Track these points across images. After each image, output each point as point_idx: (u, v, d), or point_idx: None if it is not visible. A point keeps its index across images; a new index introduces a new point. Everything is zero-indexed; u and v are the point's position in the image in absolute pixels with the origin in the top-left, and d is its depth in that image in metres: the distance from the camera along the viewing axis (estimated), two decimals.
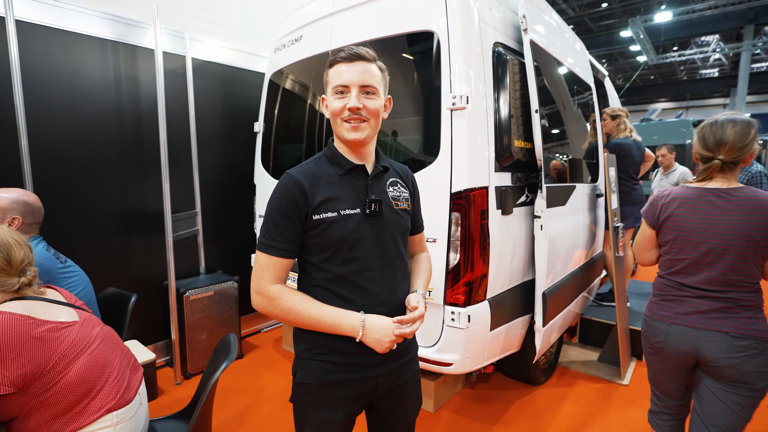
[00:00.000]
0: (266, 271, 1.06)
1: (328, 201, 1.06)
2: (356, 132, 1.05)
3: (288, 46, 2.61)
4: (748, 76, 16.41)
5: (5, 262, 1.12)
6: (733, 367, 1.37)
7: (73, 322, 1.18)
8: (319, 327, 1.04)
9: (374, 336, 1.03)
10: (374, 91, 1.06)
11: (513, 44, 2.19)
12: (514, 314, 2.16)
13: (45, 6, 2.34)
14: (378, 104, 1.07)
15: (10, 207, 1.63)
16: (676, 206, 1.47)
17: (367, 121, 1.06)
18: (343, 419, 1.12)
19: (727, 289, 1.40)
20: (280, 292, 1.05)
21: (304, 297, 1.06)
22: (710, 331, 1.40)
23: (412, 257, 1.32)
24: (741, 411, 1.39)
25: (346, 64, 1.05)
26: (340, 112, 1.05)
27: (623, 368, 2.75)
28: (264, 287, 1.05)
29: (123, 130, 2.69)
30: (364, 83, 1.04)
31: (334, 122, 1.08)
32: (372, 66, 1.07)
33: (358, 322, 1.03)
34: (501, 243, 2.00)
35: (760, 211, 1.33)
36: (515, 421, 2.31)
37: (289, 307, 1.03)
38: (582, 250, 2.81)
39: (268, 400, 2.51)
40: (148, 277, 2.87)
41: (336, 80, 1.05)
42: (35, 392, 1.05)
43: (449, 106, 1.84)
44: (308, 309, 1.03)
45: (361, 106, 1.03)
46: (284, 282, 1.09)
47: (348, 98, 1.04)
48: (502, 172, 2.02)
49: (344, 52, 1.06)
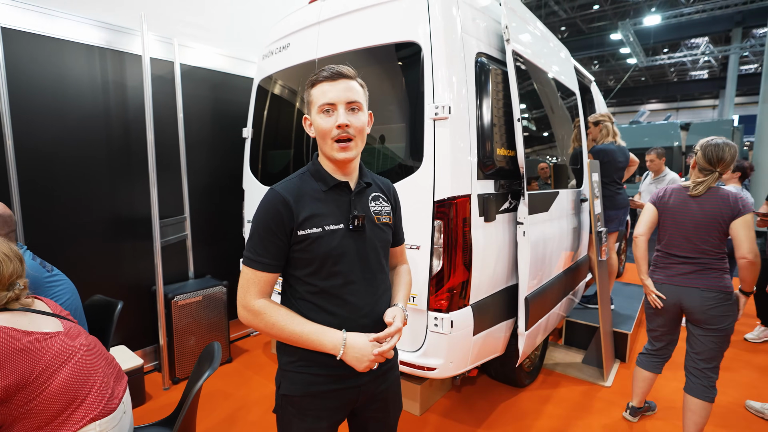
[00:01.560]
0: (251, 285, 1.08)
1: (312, 217, 1.08)
2: (345, 152, 1.07)
3: (276, 53, 2.63)
4: (736, 78, 16.66)
5: None
6: (704, 313, 1.97)
7: (57, 332, 1.20)
8: (301, 344, 1.06)
9: (354, 355, 1.05)
10: (359, 107, 1.09)
11: (496, 54, 2.23)
12: (497, 319, 2.20)
13: (31, 13, 2.34)
14: (363, 120, 1.10)
15: None
16: (671, 198, 2.08)
17: (354, 139, 1.08)
18: (327, 428, 1.15)
19: (700, 257, 1.99)
20: (265, 308, 1.06)
21: (288, 313, 1.07)
22: (688, 288, 2.01)
23: (393, 269, 1.35)
24: (715, 346, 1.99)
25: (329, 83, 1.06)
26: (329, 132, 1.06)
27: (606, 370, 2.81)
28: (249, 302, 1.07)
29: (111, 136, 2.70)
30: (349, 100, 1.06)
31: (322, 142, 1.09)
32: (354, 83, 1.09)
33: (340, 341, 1.05)
34: (484, 249, 2.04)
35: (724, 202, 1.92)
36: (499, 423, 2.36)
37: (273, 322, 1.05)
38: (566, 254, 2.86)
39: (256, 404, 2.53)
40: (137, 282, 2.88)
41: (321, 99, 1.06)
42: (19, 402, 1.07)
43: (432, 116, 1.87)
44: (291, 325, 1.05)
45: (348, 122, 1.05)
46: (269, 296, 1.12)
47: (336, 116, 1.05)
48: (485, 180, 2.06)
49: (326, 71, 1.07)
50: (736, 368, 3.01)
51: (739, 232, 1.88)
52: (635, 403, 2.36)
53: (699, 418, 2.02)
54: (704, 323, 1.99)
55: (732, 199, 1.90)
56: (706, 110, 25.41)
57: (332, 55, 2.24)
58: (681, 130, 9.05)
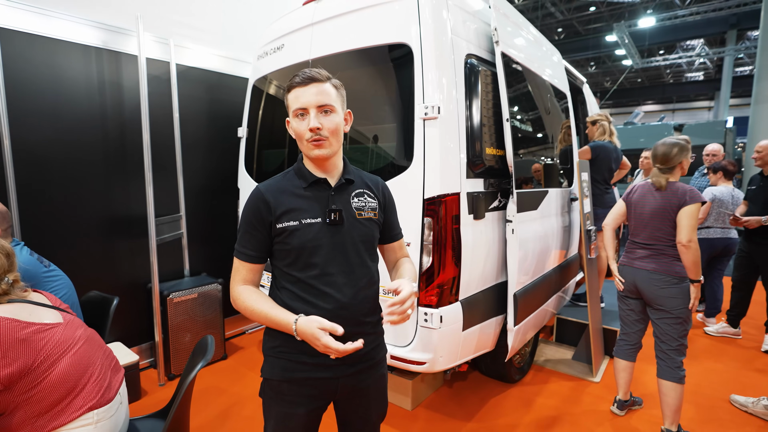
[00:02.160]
0: (236, 273, 1.20)
1: (290, 211, 1.14)
2: (319, 149, 1.13)
3: (270, 54, 2.68)
4: (731, 80, 16.80)
5: None
6: (653, 293, 2.19)
7: (57, 323, 1.24)
8: (268, 325, 1.15)
9: (307, 339, 1.06)
10: (331, 109, 1.13)
11: (486, 55, 2.28)
12: (487, 314, 2.25)
13: (28, 13, 2.37)
14: (336, 120, 1.14)
15: None
16: (636, 192, 2.32)
17: (327, 139, 1.13)
18: (305, 415, 1.19)
19: (654, 243, 2.21)
20: (242, 292, 1.17)
21: (259, 297, 1.15)
22: (641, 270, 2.24)
23: (396, 262, 1.38)
24: (671, 329, 2.16)
25: (301, 88, 1.12)
26: (304, 133, 1.12)
27: (595, 366, 2.86)
28: (234, 286, 1.19)
29: (107, 136, 2.74)
30: (320, 103, 1.11)
31: (299, 143, 1.16)
32: (326, 85, 1.13)
33: (291, 324, 1.07)
34: (473, 246, 2.09)
35: (674, 194, 2.13)
36: (489, 417, 2.41)
37: (246, 306, 1.15)
38: (556, 252, 2.91)
39: (250, 400, 2.57)
40: (133, 279, 2.92)
41: (295, 104, 1.13)
42: (20, 390, 1.11)
43: (422, 116, 1.92)
44: (258, 308, 1.13)
45: (320, 125, 1.10)
46: (254, 283, 1.20)
47: (308, 119, 1.11)
48: (475, 179, 2.11)
49: (298, 77, 1.13)
50: (723, 361, 3.07)
51: (682, 219, 2.09)
52: (621, 396, 2.43)
53: (671, 399, 2.14)
54: (656, 304, 2.19)
55: (681, 191, 2.11)
56: (701, 111, 25.57)
57: (325, 55, 2.29)
58: (674, 131, 9.13)
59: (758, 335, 3.55)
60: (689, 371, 2.94)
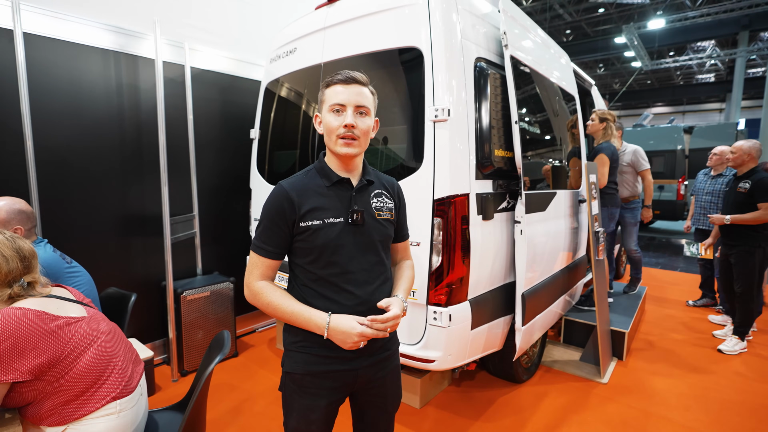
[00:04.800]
0: (255, 268, 1.21)
1: (314, 210, 1.18)
2: (348, 148, 1.17)
3: (283, 57, 2.73)
4: (743, 82, 16.58)
5: None
6: None
7: (82, 317, 1.29)
8: (292, 323, 1.18)
9: (339, 336, 1.13)
10: (367, 112, 1.18)
11: (495, 59, 2.31)
12: (495, 314, 2.27)
13: (50, 19, 2.45)
14: (369, 123, 1.19)
15: (8, 218, 1.68)
16: None
17: (358, 139, 1.17)
18: (326, 407, 1.24)
19: None
20: (263, 288, 1.19)
21: (282, 294, 1.18)
22: None
23: (397, 264, 1.42)
24: None
25: (342, 86, 1.16)
26: (336, 129, 1.16)
27: (603, 367, 2.87)
28: (251, 282, 1.21)
29: (124, 137, 2.81)
30: (358, 103, 1.16)
31: (328, 138, 1.19)
32: (365, 89, 1.19)
33: (324, 323, 1.13)
34: (482, 247, 2.12)
35: None
36: (497, 417, 2.43)
37: (268, 301, 1.17)
38: (564, 253, 2.92)
39: (261, 396, 2.62)
40: (147, 277, 2.98)
41: (333, 99, 1.16)
42: (49, 380, 1.16)
43: (432, 118, 1.96)
44: (283, 306, 1.16)
45: (355, 124, 1.15)
46: (271, 279, 1.23)
47: (344, 116, 1.15)
48: (484, 180, 2.14)
49: (341, 75, 1.17)
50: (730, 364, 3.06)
51: None
52: None
53: None
54: None
55: None
56: (712, 114, 25.27)
57: (337, 59, 2.34)
58: (684, 133, 9.06)
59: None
60: (701, 375, 2.94)
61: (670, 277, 5.82)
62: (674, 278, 5.73)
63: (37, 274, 1.30)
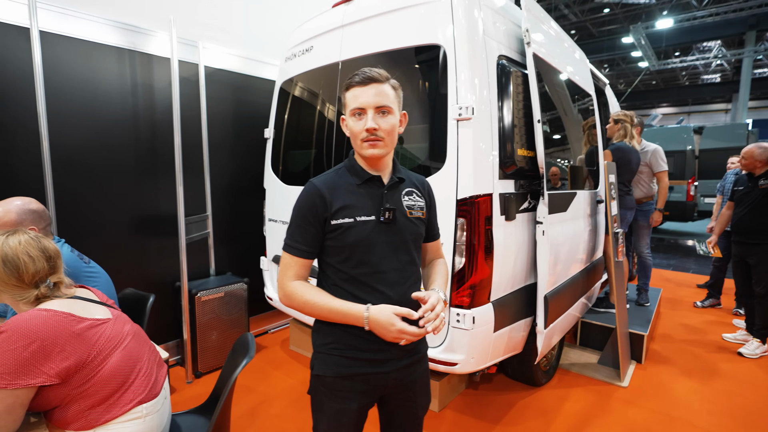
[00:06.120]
0: (288, 269, 1.18)
1: (345, 208, 1.15)
2: (373, 149, 1.14)
3: (299, 56, 2.70)
4: (750, 82, 16.47)
5: (16, 279, 1.16)
6: None
7: (107, 319, 1.26)
8: (331, 318, 1.14)
9: (378, 325, 1.09)
10: (389, 110, 1.14)
11: (516, 56, 2.27)
12: (516, 316, 2.23)
13: (66, 17, 2.43)
14: (393, 122, 1.15)
15: (20, 219, 1.63)
16: None
17: (383, 139, 1.14)
18: (357, 410, 1.20)
19: None
20: (299, 287, 1.16)
21: (319, 291, 1.16)
22: None
23: (430, 263, 1.39)
24: None
25: (361, 88, 1.12)
26: (359, 133, 1.13)
27: (623, 371, 2.82)
28: (286, 283, 1.17)
29: (138, 136, 2.79)
30: (378, 104, 1.12)
31: (354, 141, 1.17)
32: (385, 86, 1.14)
33: (363, 313, 1.10)
34: (504, 248, 2.08)
35: None
36: (518, 421, 2.38)
37: (305, 300, 1.14)
38: (583, 254, 2.88)
39: (277, 398, 2.59)
40: (161, 278, 2.96)
41: (353, 103, 1.14)
42: (76, 383, 1.13)
43: (455, 116, 1.92)
44: (321, 302, 1.13)
45: (377, 126, 1.11)
46: (305, 279, 1.19)
47: (365, 120, 1.12)
48: (506, 180, 2.11)
49: (358, 76, 1.13)
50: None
51: None
52: None
53: None
54: None
55: None
56: (718, 114, 25.14)
57: (356, 57, 2.31)
58: (694, 134, 8.98)
59: None
60: (724, 379, 2.89)
61: (682, 278, 5.76)
62: (686, 280, 5.66)
63: (62, 275, 1.27)
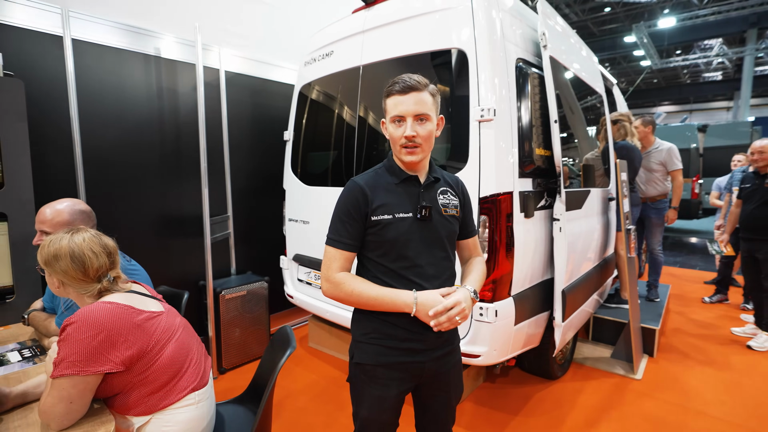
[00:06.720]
0: (333, 261, 1.25)
1: (384, 205, 1.23)
2: (411, 156, 1.22)
3: (319, 60, 2.78)
4: (751, 80, 16.50)
5: (82, 274, 1.24)
6: None
7: (161, 312, 1.34)
8: (378, 306, 1.21)
9: (425, 307, 1.17)
10: (427, 118, 1.21)
11: (532, 59, 2.35)
12: (535, 311, 2.31)
13: (96, 25, 2.52)
14: (430, 128, 1.22)
15: (71, 219, 1.71)
16: None
17: (420, 146, 1.21)
18: (396, 396, 1.29)
19: None
20: (345, 278, 1.23)
21: (364, 281, 1.24)
22: None
23: (468, 260, 1.45)
24: None
25: (400, 96, 1.19)
26: (399, 139, 1.21)
27: (636, 364, 2.89)
28: (332, 275, 1.24)
29: (164, 138, 2.88)
30: (417, 112, 1.19)
31: (393, 146, 1.25)
32: (424, 94, 1.20)
33: (412, 299, 1.18)
34: (524, 244, 2.15)
35: None
36: (536, 412, 2.46)
37: (351, 289, 1.22)
38: (596, 251, 2.96)
39: (301, 393, 2.66)
40: (184, 277, 3.04)
41: (393, 111, 1.21)
42: (137, 371, 1.21)
43: (477, 117, 2.00)
44: (368, 291, 1.21)
45: (415, 134, 1.19)
46: (348, 271, 1.27)
47: (404, 127, 1.20)
48: (525, 178, 2.18)
49: (398, 85, 1.20)
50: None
51: None
52: None
53: None
54: None
55: None
56: (719, 112, 25.15)
57: (377, 61, 2.39)
58: (698, 132, 9.04)
59: None
60: (734, 371, 2.96)
61: (690, 275, 5.83)
62: (693, 276, 5.73)
63: (119, 270, 1.35)
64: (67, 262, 1.22)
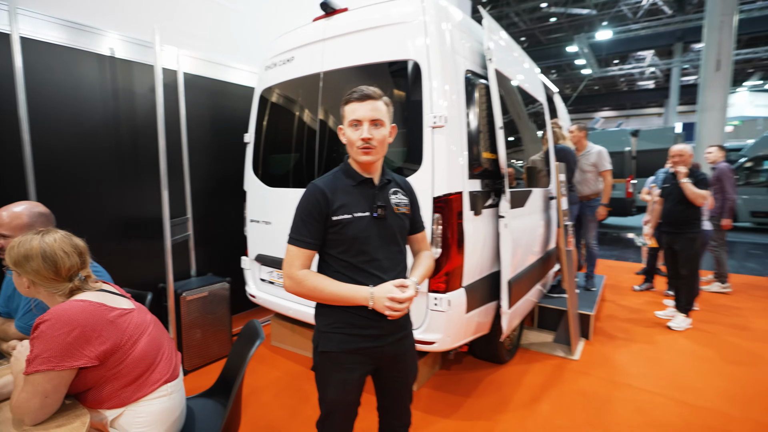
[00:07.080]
0: (296, 259, 1.36)
1: (344, 206, 1.37)
2: (367, 156, 1.36)
3: (279, 65, 2.86)
4: (678, 89, 18.19)
5: (54, 274, 1.28)
6: None
7: (132, 309, 1.40)
8: (338, 301, 1.35)
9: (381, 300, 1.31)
10: (381, 123, 1.36)
11: (479, 70, 2.57)
12: (484, 300, 2.53)
13: (46, 23, 2.46)
14: (384, 133, 1.38)
15: (30, 222, 1.71)
16: None
17: (375, 148, 1.36)
18: (358, 379, 1.43)
19: None
20: (306, 275, 1.35)
21: (325, 278, 1.36)
22: None
23: (417, 253, 1.61)
24: None
25: (358, 103, 1.34)
26: (356, 141, 1.35)
27: (574, 346, 3.21)
28: (294, 272, 1.36)
29: (120, 140, 2.84)
30: (373, 117, 1.34)
31: (350, 148, 1.38)
32: (379, 103, 1.36)
33: (368, 293, 1.32)
34: (473, 239, 2.36)
35: None
36: (486, 393, 2.69)
37: (313, 285, 1.34)
38: (538, 245, 3.25)
39: (265, 389, 2.73)
40: (144, 279, 3.01)
41: (351, 116, 1.35)
42: (111, 365, 1.27)
43: (430, 124, 2.18)
44: (329, 286, 1.34)
45: (371, 136, 1.34)
46: (309, 268, 1.39)
47: (361, 130, 1.34)
48: (474, 179, 2.39)
49: (356, 93, 1.35)
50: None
51: None
52: None
53: None
54: None
55: None
56: (653, 118, 27.42)
57: (337, 69, 2.51)
58: (631, 136, 9.91)
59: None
60: (655, 348, 3.35)
61: (623, 266, 6.40)
62: (626, 267, 6.31)
63: (89, 269, 1.39)
64: (39, 262, 1.25)
